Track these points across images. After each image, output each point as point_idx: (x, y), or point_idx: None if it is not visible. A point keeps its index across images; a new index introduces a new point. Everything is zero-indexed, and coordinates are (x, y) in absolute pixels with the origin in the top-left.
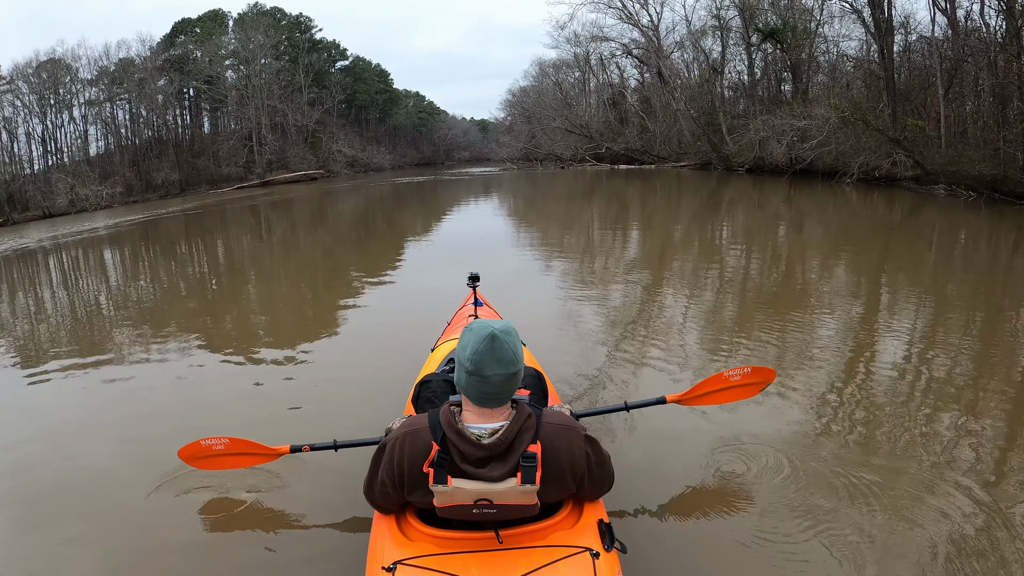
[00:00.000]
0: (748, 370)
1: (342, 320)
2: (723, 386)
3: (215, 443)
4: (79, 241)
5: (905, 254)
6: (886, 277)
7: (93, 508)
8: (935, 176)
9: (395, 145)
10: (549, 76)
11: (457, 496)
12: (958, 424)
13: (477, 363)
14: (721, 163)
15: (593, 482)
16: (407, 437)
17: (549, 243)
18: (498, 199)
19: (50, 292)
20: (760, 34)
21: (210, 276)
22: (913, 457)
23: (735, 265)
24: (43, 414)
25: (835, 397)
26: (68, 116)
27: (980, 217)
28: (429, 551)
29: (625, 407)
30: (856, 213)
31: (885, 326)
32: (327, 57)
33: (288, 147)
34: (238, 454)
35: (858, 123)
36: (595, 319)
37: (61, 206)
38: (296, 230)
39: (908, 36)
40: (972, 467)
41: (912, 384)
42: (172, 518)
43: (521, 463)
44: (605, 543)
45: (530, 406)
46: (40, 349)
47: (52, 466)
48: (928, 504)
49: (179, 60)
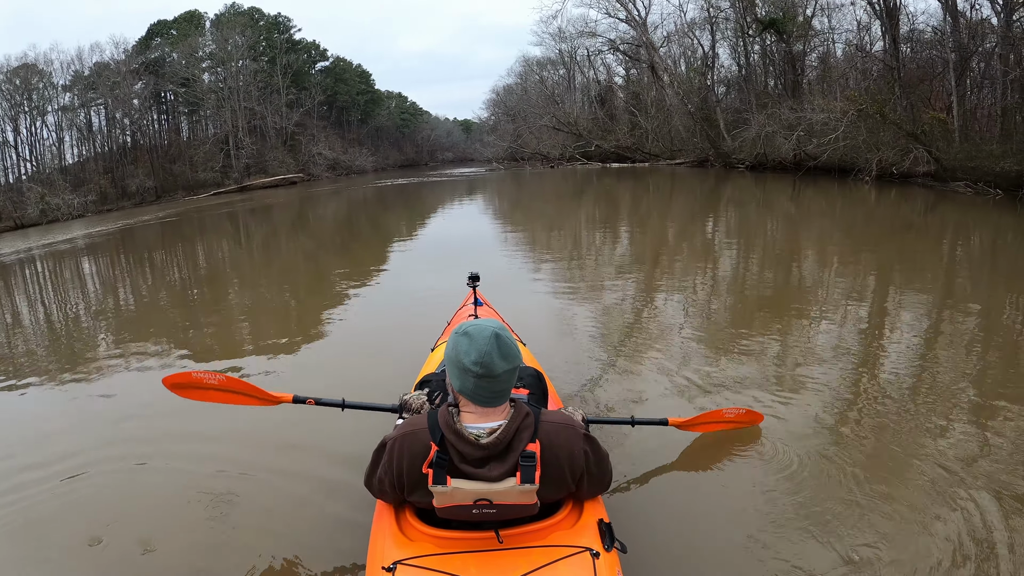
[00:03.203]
0: (742, 411)
1: (341, 322)
2: (719, 419)
3: (207, 376)
4: (50, 254)
5: (961, 265)
6: (933, 286)
7: (82, 509)
8: (952, 172)
9: (377, 147)
10: (534, 72)
11: (457, 496)
12: (969, 434)
13: (487, 364)
14: (719, 160)
15: (591, 481)
16: (406, 438)
17: (545, 245)
18: (487, 201)
19: (24, 307)
20: (759, 24)
21: (191, 284)
22: (919, 461)
23: (747, 266)
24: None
25: (839, 400)
26: (41, 123)
27: (1019, 217)
28: (429, 551)
29: (631, 422)
30: (882, 213)
31: (909, 332)
32: (307, 58)
33: (267, 150)
34: (231, 391)
35: (875, 116)
36: (595, 320)
37: (32, 216)
38: (279, 236)
39: (913, 24)
40: (985, 474)
41: (922, 390)
42: (171, 517)
43: (520, 462)
44: (605, 543)
45: (529, 405)
46: (17, 363)
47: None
48: (934, 510)
49: (155, 63)
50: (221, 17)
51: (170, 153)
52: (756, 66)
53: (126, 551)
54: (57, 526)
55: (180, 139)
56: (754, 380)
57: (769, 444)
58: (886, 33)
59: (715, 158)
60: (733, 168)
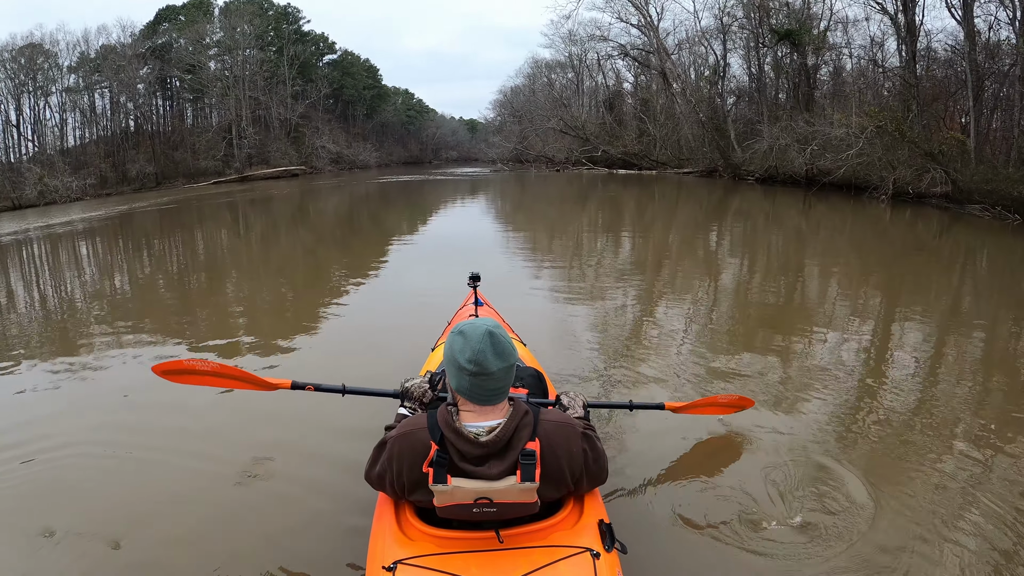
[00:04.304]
0: (735, 397)
1: (341, 321)
2: (713, 403)
3: (200, 364)
4: (47, 236)
5: (977, 291)
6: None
7: (82, 502)
8: (968, 195)
9: (382, 142)
10: (543, 74)
11: (457, 495)
12: (973, 458)
13: (480, 362)
14: (728, 171)
15: (589, 476)
16: (405, 438)
17: (547, 248)
18: (490, 202)
19: (18, 288)
20: (775, 34)
21: (188, 272)
22: (923, 471)
23: (753, 278)
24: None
25: (841, 410)
26: (45, 103)
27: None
28: (429, 551)
29: (630, 406)
30: (896, 232)
31: (914, 354)
32: (315, 50)
33: (270, 141)
34: (226, 376)
35: (894, 134)
36: (596, 322)
37: (30, 197)
38: (279, 228)
39: (929, 41)
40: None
41: (926, 408)
42: (170, 517)
43: (520, 461)
44: (605, 543)
45: (528, 404)
46: (8, 346)
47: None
48: (938, 521)
49: (161, 48)
50: (230, 5)
51: (172, 139)
52: (767, 77)
53: (94, 546)
54: (48, 517)
55: (183, 126)
56: (753, 386)
57: (771, 449)
58: (902, 48)
59: (724, 169)
60: (742, 180)
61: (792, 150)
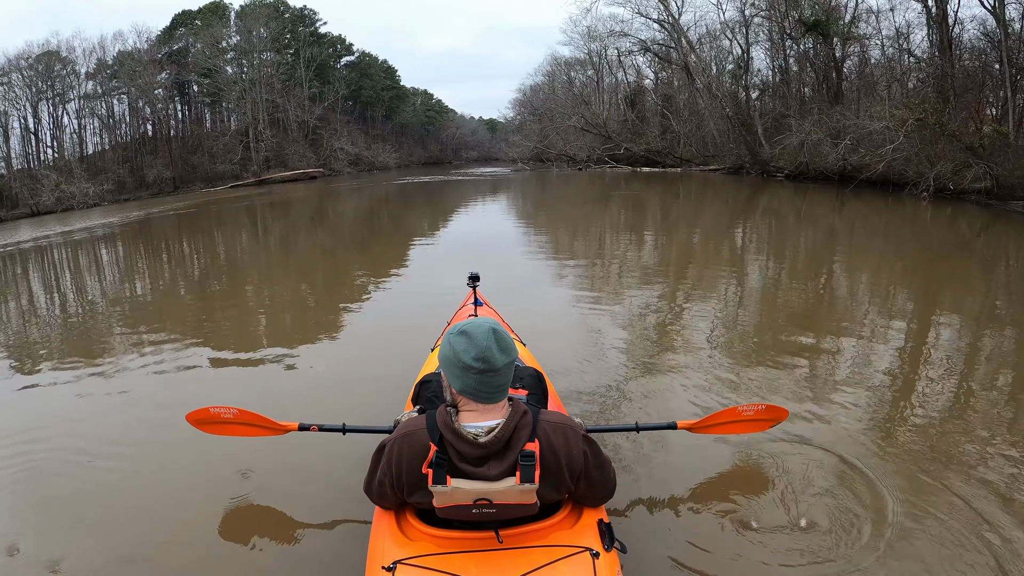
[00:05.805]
0: (762, 407)
1: (342, 321)
2: (735, 419)
3: (224, 411)
4: (65, 242)
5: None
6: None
7: (96, 505)
8: (1011, 190)
9: (401, 144)
10: (562, 72)
11: (456, 496)
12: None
13: (488, 359)
14: (757, 168)
15: (591, 485)
16: (405, 439)
17: (568, 250)
18: (511, 202)
19: (40, 293)
20: (802, 26)
21: (209, 278)
22: (950, 484)
23: (786, 279)
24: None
25: (844, 407)
26: (63, 111)
27: None
28: (429, 551)
29: (636, 428)
30: (937, 231)
31: (955, 358)
32: (332, 52)
33: (287, 144)
34: (245, 424)
35: (935, 126)
36: (598, 325)
37: (47, 204)
38: (297, 231)
39: (961, 30)
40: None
41: (963, 414)
42: (169, 517)
43: (520, 461)
44: (605, 543)
45: (528, 405)
46: (33, 351)
47: (50, 466)
48: (963, 539)
49: (178, 54)
50: (246, 8)
51: (190, 144)
52: (792, 69)
53: (95, 544)
54: (61, 517)
55: (201, 130)
56: (770, 384)
57: (770, 447)
58: (933, 37)
59: (752, 165)
60: (771, 176)
61: (825, 145)
